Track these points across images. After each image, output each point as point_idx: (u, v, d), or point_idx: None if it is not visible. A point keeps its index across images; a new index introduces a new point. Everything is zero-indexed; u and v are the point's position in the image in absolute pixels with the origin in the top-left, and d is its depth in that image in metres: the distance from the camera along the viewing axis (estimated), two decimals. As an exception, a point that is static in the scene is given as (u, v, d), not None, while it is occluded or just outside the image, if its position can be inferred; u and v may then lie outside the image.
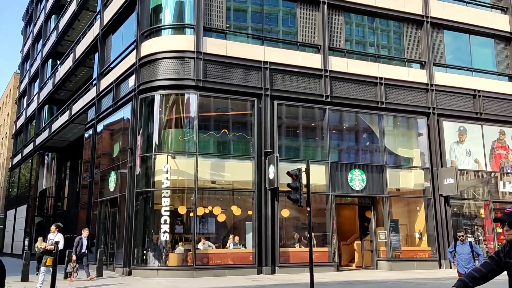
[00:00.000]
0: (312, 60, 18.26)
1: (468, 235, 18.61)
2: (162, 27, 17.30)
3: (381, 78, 19.06)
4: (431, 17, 20.58)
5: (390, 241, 17.78)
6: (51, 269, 12.00)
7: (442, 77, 20.35)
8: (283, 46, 18.23)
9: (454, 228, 18.78)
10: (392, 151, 19.24)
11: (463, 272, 9.75)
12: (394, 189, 18.84)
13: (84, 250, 14.69)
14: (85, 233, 14.80)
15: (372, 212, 18.40)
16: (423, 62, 20.30)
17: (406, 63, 20.38)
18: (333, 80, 18.34)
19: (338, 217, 17.93)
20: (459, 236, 10.31)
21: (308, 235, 12.24)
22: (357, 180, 17.96)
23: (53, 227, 12.78)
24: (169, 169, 15.70)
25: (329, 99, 18.05)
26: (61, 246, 12.21)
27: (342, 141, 19.27)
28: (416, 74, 20.03)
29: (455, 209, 19.66)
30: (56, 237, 12.47)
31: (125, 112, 18.15)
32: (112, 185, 18.54)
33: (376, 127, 19.15)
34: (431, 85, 19.94)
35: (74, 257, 14.16)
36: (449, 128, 20.01)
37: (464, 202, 20.09)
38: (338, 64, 18.61)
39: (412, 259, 17.98)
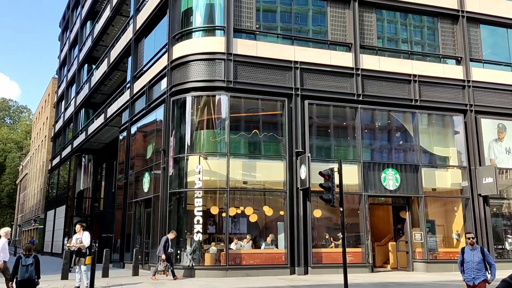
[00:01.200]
0: (343, 58, 18.05)
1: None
2: (193, 30, 17.52)
3: (414, 76, 18.64)
4: (467, 12, 19.96)
5: (426, 242, 17.34)
6: (82, 268, 12.37)
7: (479, 73, 19.70)
8: (313, 46, 18.11)
9: (493, 229, 18.17)
10: (427, 150, 18.77)
11: (471, 285, 8.20)
12: (429, 188, 18.37)
13: (170, 250, 14.93)
14: (171, 235, 15.01)
15: (407, 212, 18.00)
16: (459, 58, 19.71)
17: (441, 59, 19.84)
18: (364, 78, 18.08)
19: (371, 218, 17.64)
20: (468, 239, 8.34)
21: (342, 236, 12.08)
22: (390, 179, 17.62)
23: (78, 227, 13.05)
24: (201, 170, 15.87)
25: (360, 98, 17.80)
26: (87, 243, 12.46)
27: (374, 140, 18.96)
28: (452, 70, 19.47)
29: (494, 209, 19.00)
30: (83, 236, 12.78)
31: (158, 114, 18.48)
32: (146, 186, 18.91)
33: (410, 125, 18.73)
34: (468, 81, 19.34)
35: (164, 257, 14.44)
36: (488, 125, 19.34)
37: (503, 201, 19.38)
38: (369, 62, 18.32)
39: (449, 261, 17.46)
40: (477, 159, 18.67)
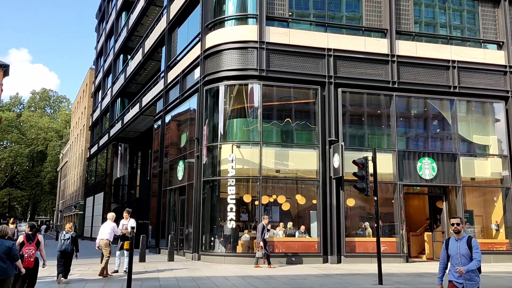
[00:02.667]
0: (378, 45, 17.65)
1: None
2: (226, 18, 17.54)
3: (453, 61, 18.03)
4: (510, -7, 19.07)
5: (464, 232, 16.86)
6: (125, 252, 12.81)
7: (523, 58, 18.83)
8: (346, 32, 17.79)
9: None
10: (465, 138, 18.20)
11: (456, 282, 6.13)
12: (468, 178, 17.85)
13: (266, 236, 14.80)
14: (265, 220, 14.90)
15: (444, 202, 17.57)
16: (501, 43, 18.90)
17: (482, 44, 19.08)
18: (400, 65, 17.64)
19: (406, 207, 17.33)
20: (452, 225, 6.27)
21: (376, 225, 11.96)
22: (427, 168, 17.23)
23: (125, 214, 13.51)
24: (234, 158, 16.00)
25: (396, 85, 17.40)
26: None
27: (410, 128, 18.54)
28: (493, 56, 18.71)
29: (537, 200, 18.27)
30: (129, 222, 13.19)
31: (192, 103, 18.70)
32: (180, 174, 19.25)
33: (448, 113, 18.18)
34: (510, 66, 18.55)
35: (262, 244, 14.38)
36: (531, 112, 18.52)
37: (547, 192, 18.60)
38: (406, 48, 17.84)
39: (488, 252, 16.97)
40: (519, 147, 17.95)
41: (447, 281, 6.24)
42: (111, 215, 12.80)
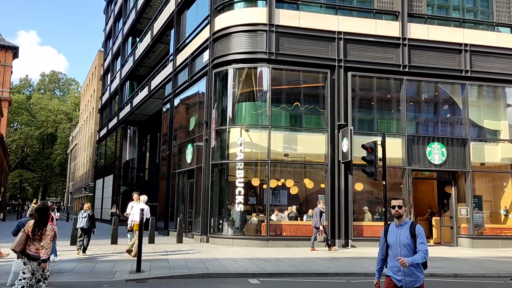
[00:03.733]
0: (389, 28, 17.41)
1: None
2: (235, 1, 17.36)
3: (466, 45, 17.75)
4: (526, -25, 18.63)
5: (472, 217, 16.89)
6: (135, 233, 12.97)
7: (537, 42, 18.49)
8: (357, 15, 17.56)
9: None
10: (476, 123, 18.03)
11: (394, 278, 4.82)
12: (478, 163, 17.74)
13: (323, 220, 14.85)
14: (321, 204, 14.98)
15: (453, 187, 17.52)
16: (515, 26, 18.54)
17: (495, 27, 18.74)
18: (411, 48, 17.41)
19: (414, 192, 17.31)
20: (393, 208, 5.01)
21: (384, 210, 11.98)
22: (436, 153, 17.14)
23: (136, 196, 13.62)
24: (242, 142, 16.03)
25: (406, 69, 17.21)
26: (148, 214, 13.06)
27: (420, 113, 18.40)
28: (506, 39, 18.38)
29: (547, 186, 18.14)
30: (140, 205, 13.33)
31: (200, 87, 18.68)
32: (189, 157, 19.36)
33: (459, 97, 17.99)
34: (524, 50, 18.22)
35: (321, 228, 14.53)
36: (544, 97, 18.27)
37: (558, 178, 18.45)
38: (417, 31, 17.58)
39: (496, 237, 16.99)
40: (530, 133, 17.77)
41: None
42: (143, 198, 13.02)
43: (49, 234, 6.42)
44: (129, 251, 12.51)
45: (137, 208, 12.68)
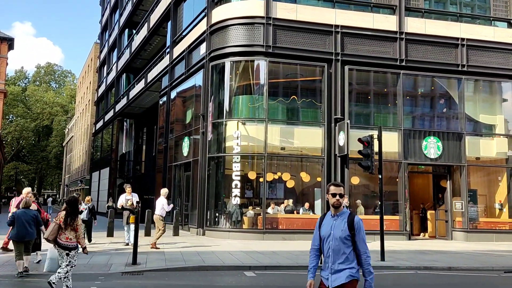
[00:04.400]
0: (387, 22, 17.39)
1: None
2: (232, -7, 17.26)
3: (462, 39, 17.77)
4: (523, -31, 18.62)
5: (467, 211, 17.01)
6: (131, 226, 13.02)
7: (533, 36, 18.52)
8: (355, 8, 17.53)
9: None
10: (472, 117, 18.10)
11: (325, 280, 4.06)
12: (473, 157, 17.83)
13: None
14: (345, 199, 15.26)
15: (448, 181, 17.62)
16: (511, 21, 18.55)
17: (492, 21, 18.76)
18: (408, 42, 17.41)
19: (410, 186, 17.40)
20: (334, 196, 4.06)
21: (380, 203, 12.04)
22: (432, 147, 17.21)
23: (129, 189, 13.68)
24: (239, 135, 16.03)
25: (403, 63, 17.22)
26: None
27: (416, 107, 18.44)
28: (503, 34, 18.40)
29: (542, 180, 18.29)
30: (133, 196, 13.43)
31: (197, 79, 18.63)
32: (185, 150, 19.35)
33: (455, 92, 18.03)
34: (520, 45, 18.25)
35: None
36: (539, 92, 18.35)
37: (552, 172, 18.59)
38: (415, 25, 17.57)
39: (491, 231, 17.13)
40: (525, 127, 17.86)
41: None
42: (164, 191, 13.12)
43: (80, 224, 7.18)
44: (154, 245, 12.50)
45: (158, 202, 12.80)
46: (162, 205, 12.85)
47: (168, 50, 22.86)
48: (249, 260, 10.89)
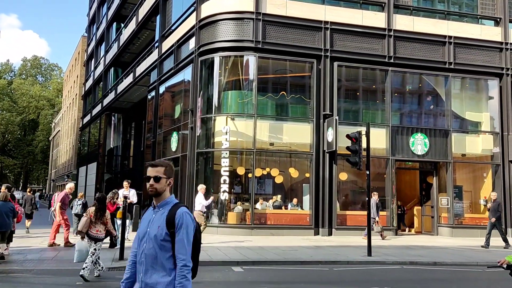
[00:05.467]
0: (375, 19, 17.47)
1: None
2: (222, -12, 17.17)
3: (450, 37, 17.93)
4: (510, -32, 18.83)
5: (452, 207, 17.24)
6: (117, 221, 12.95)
7: (519, 35, 18.77)
8: (344, 5, 17.57)
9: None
10: (458, 114, 18.31)
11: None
12: (459, 154, 18.05)
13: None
14: (376, 196, 15.36)
15: (434, 177, 17.83)
16: (498, 19, 18.78)
17: (479, 20, 18.96)
18: (397, 40, 17.52)
19: (397, 182, 17.57)
20: (147, 179, 3.12)
21: (367, 199, 12.14)
22: (419, 144, 17.38)
23: (126, 184, 13.66)
24: (228, 131, 16.01)
25: (392, 60, 17.33)
26: (134, 200, 13.15)
27: (404, 104, 18.61)
28: (490, 32, 18.62)
29: (526, 177, 18.58)
30: (130, 192, 13.40)
31: (186, 74, 18.53)
32: (174, 145, 19.27)
33: (442, 89, 18.21)
34: (506, 43, 18.49)
35: (377, 219, 15.02)
36: (524, 90, 18.61)
37: (536, 169, 18.90)
38: (403, 22, 17.68)
39: (475, 226, 17.38)
40: (510, 124, 18.13)
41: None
42: (201, 187, 13.10)
43: (109, 218, 8.20)
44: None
45: (199, 198, 12.77)
46: (200, 201, 12.92)
47: (157, 44, 22.68)
48: (237, 255, 10.91)
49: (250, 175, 16.13)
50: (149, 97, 23.51)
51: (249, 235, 15.36)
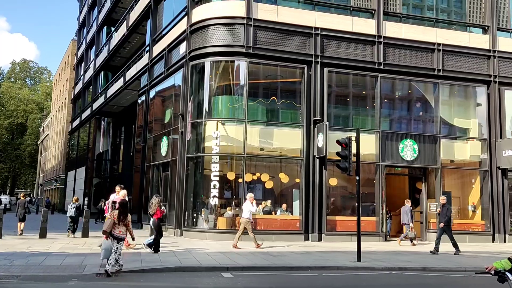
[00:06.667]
0: (366, 25, 17.61)
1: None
2: (213, -7, 17.20)
3: (438, 44, 18.13)
4: (498, -22, 19.13)
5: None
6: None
7: (506, 43, 19.06)
8: (335, 11, 17.68)
9: (510, 202, 18.08)
10: (447, 121, 18.48)
11: None
12: (448, 160, 18.21)
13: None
14: (409, 203, 15.91)
15: (424, 183, 17.95)
16: (486, 27, 19.05)
17: (467, 27, 19.21)
18: (387, 46, 17.67)
19: (387, 188, 17.65)
20: None
21: (357, 204, 12.17)
22: (408, 150, 17.50)
23: (118, 188, 13.52)
24: (218, 136, 15.97)
25: (381, 67, 17.47)
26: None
27: (393, 110, 18.73)
28: (478, 40, 18.86)
29: (513, 183, 18.82)
30: (117, 197, 13.24)
31: (177, 79, 18.49)
32: (164, 150, 19.17)
33: (431, 96, 18.39)
34: (494, 51, 18.75)
35: (412, 225, 15.59)
36: (511, 97, 18.87)
37: (523, 175, 19.13)
38: (393, 29, 17.84)
39: (464, 232, 17.50)
40: (498, 131, 18.35)
41: None
42: (249, 196, 13.60)
43: (130, 221, 9.44)
44: (257, 245, 13.39)
45: (247, 206, 13.32)
46: (249, 208, 13.40)
47: (147, 48, 22.62)
48: (227, 261, 10.85)
49: (240, 180, 16.09)
50: (139, 101, 23.40)
51: (239, 241, 15.26)
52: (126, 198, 13.36)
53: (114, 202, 13.03)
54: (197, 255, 11.62)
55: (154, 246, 12.01)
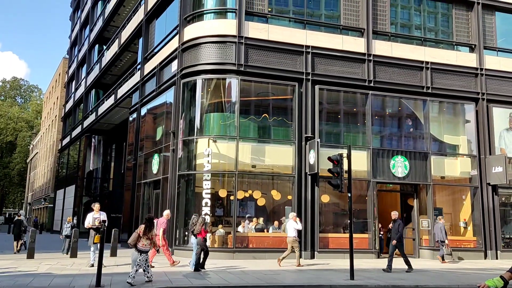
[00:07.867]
0: (355, 44, 17.87)
1: None
2: (205, 12, 17.40)
3: (427, 63, 18.43)
4: (483, -2, 19.59)
5: (433, 229, 17.35)
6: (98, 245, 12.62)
7: (493, 61, 19.43)
8: (325, 30, 17.94)
9: (501, 218, 18.16)
10: (437, 138, 18.66)
11: None
12: (438, 177, 18.32)
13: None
14: (442, 220, 16.42)
15: (415, 199, 18.00)
16: (473, 46, 19.42)
17: (455, 46, 19.57)
18: (376, 64, 17.91)
19: (379, 204, 17.66)
20: None
21: (349, 221, 12.14)
22: (399, 167, 17.59)
23: (97, 206, 13.31)
24: (210, 153, 15.94)
25: (372, 84, 17.67)
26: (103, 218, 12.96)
27: (384, 127, 18.88)
28: (465, 58, 19.21)
29: (503, 199, 18.94)
30: (101, 215, 13.03)
31: (168, 96, 18.51)
32: (155, 167, 19.06)
33: (421, 113, 18.59)
34: (481, 69, 19.09)
35: (447, 242, 15.99)
36: (499, 114, 19.15)
37: (513, 191, 19.30)
38: (382, 48, 18.12)
39: (456, 249, 17.51)
40: (487, 148, 18.54)
41: None
42: (292, 215, 13.96)
43: (154, 235, 10.06)
44: (299, 264, 13.62)
45: (292, 225, 13.55)
46: (293, 227, 13.61)
47: (139, 66, 22.69)
48: (218, 280, 10.71)
49: (232, 197, 16.01)
50: (131, 119, 23.34)
51: (231, 259, 15.14)
52: (102, 218, 13.25)
53: (104, 222, 12.84)
54: (188, 274, 11.45)
55: (198, 263, 12.12)
